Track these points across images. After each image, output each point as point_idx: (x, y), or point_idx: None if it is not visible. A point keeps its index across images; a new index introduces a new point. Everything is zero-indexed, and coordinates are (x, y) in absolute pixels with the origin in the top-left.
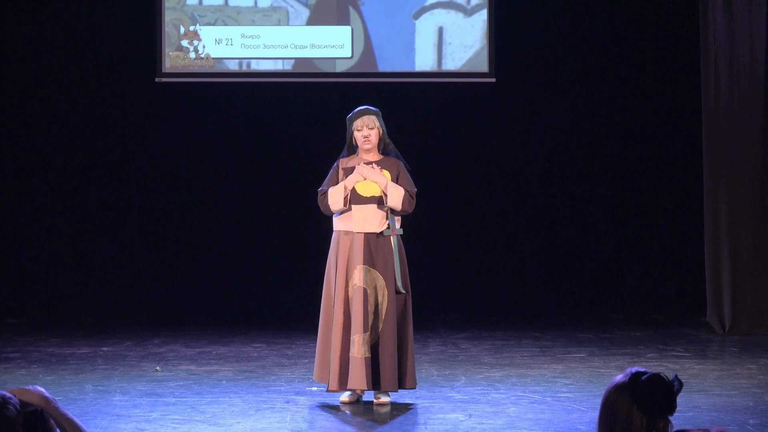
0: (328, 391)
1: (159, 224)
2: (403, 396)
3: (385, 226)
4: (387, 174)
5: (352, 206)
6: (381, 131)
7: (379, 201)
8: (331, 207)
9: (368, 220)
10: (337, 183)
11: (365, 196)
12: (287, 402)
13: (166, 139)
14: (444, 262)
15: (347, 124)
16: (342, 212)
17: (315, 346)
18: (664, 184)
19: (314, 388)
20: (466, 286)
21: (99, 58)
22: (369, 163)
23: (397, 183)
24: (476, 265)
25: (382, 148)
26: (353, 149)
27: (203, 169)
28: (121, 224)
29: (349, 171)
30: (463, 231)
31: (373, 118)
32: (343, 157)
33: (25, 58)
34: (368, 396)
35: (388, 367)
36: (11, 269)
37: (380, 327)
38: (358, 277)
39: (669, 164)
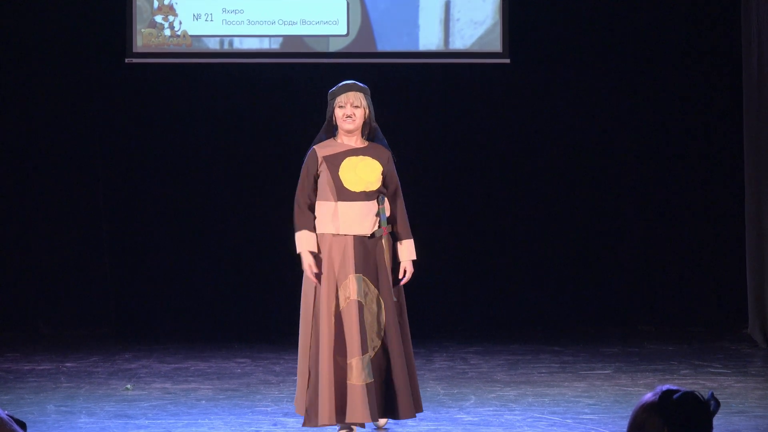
0: (309, 426)
1: (129, 223)
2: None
3: (376, 225)
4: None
5: (338, 203)
6: (367, 112)
7: (370, 196)
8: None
9: (358, 220)
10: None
11: (354, 191)
12: (275, 425)
13: (136, 128)
14: (450, 266)
15: (329, 99)
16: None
17: None
18: (699, 177)
19: None
20: (475, 293)
21: (60, 36)
22: (352, 150)
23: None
24: (487, 270)
25: (367, 132)
26: (332, 131)
27: (179, 162)
28: (86, 223)
29: (331, 160)
30: (473, 232)
31: (360, 95)
32: (319, 142)
33: None
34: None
35: (404, 391)
36: None
37: (384, 344)
38: (352, 288)
39: (705, 156)
